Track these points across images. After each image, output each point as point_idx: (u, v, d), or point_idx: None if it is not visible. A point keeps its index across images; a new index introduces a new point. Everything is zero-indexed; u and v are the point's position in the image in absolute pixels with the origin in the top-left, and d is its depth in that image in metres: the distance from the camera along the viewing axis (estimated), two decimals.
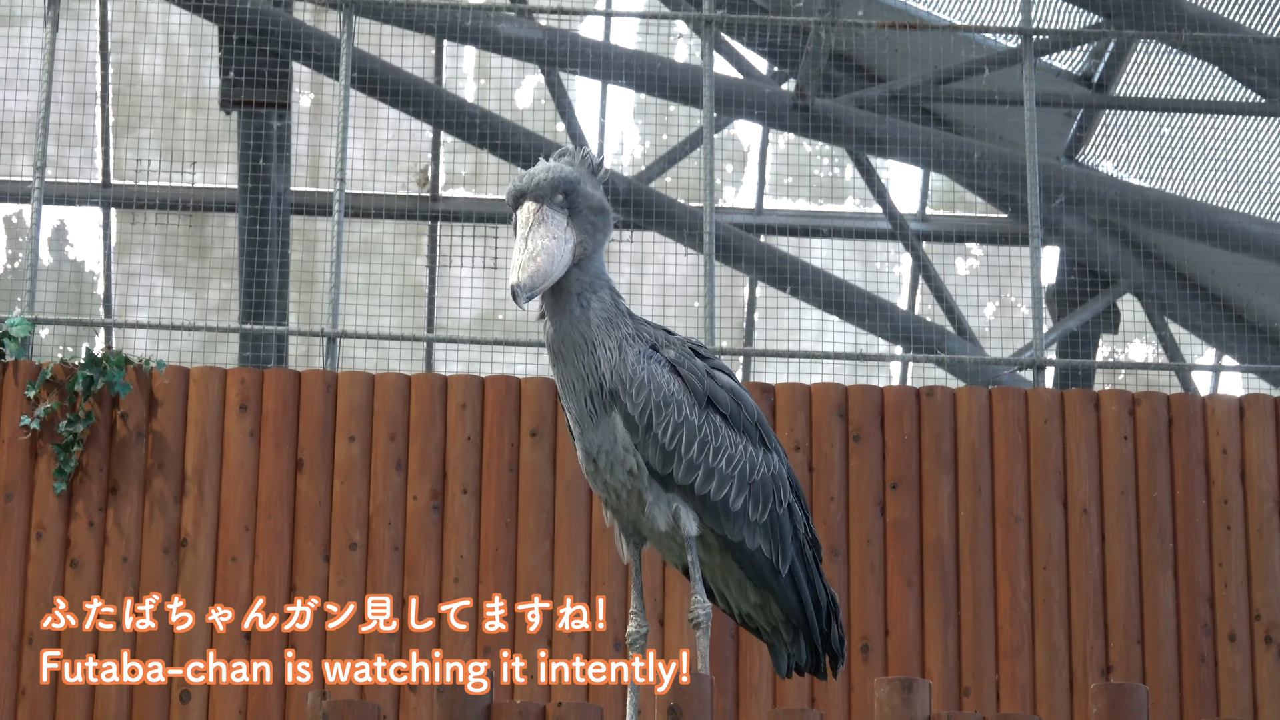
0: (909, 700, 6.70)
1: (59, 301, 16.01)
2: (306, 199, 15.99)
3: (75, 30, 15.61)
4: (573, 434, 7.14)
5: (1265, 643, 10.46)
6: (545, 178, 6.99)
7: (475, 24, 14.64)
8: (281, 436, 10.45)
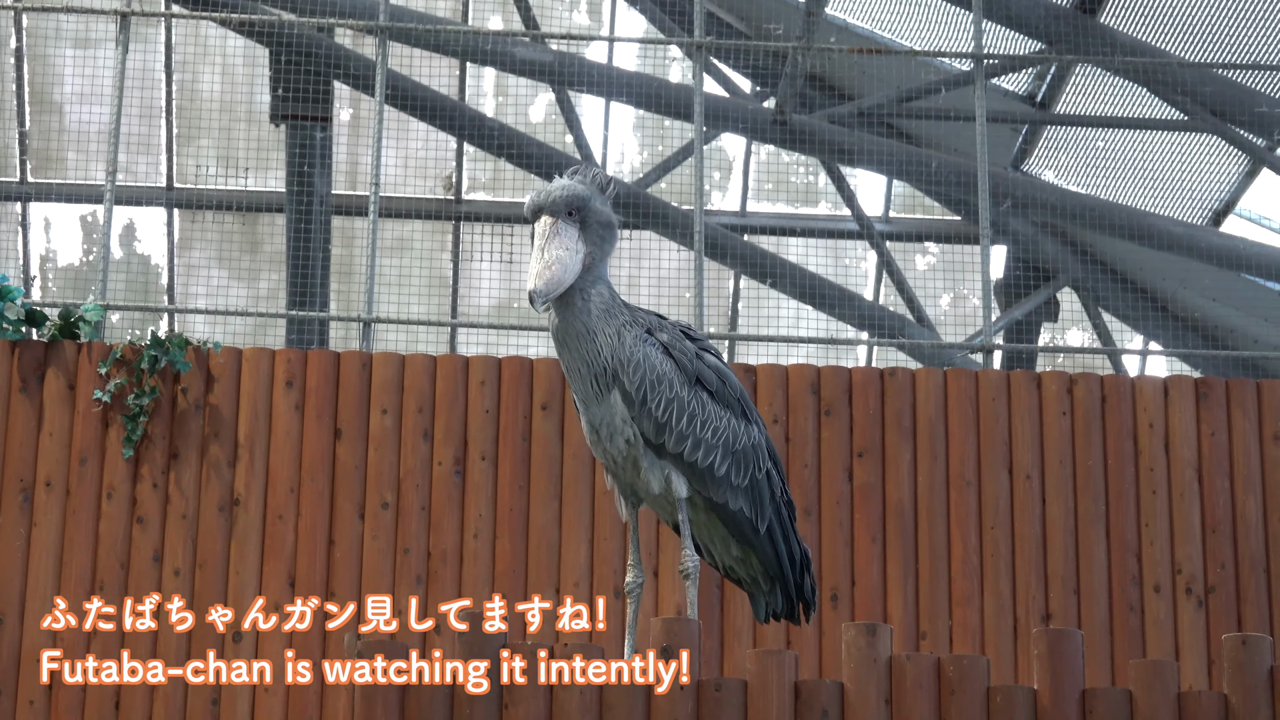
0: (873, 643, 6.68)
1: (128, 290, 15.99)
2: (345, 201, 15.97)
3: (143, 52, 15.58)
4: (578, 409, 7.16)
5: (1186, 594, 10.44)
6: (560, 195, 7.00)
7: (494, 48, 14.62)
8: (323, 409, 10.42)
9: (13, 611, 10.03)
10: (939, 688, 6.68)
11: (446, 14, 16.08)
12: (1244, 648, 6.77)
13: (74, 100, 16.06)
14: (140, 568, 10.13)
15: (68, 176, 16.31)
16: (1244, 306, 15.38)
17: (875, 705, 6.64)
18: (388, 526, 10.27)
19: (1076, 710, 6.69)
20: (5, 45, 16.11)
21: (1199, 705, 6.73)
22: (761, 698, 6.63)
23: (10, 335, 10.51)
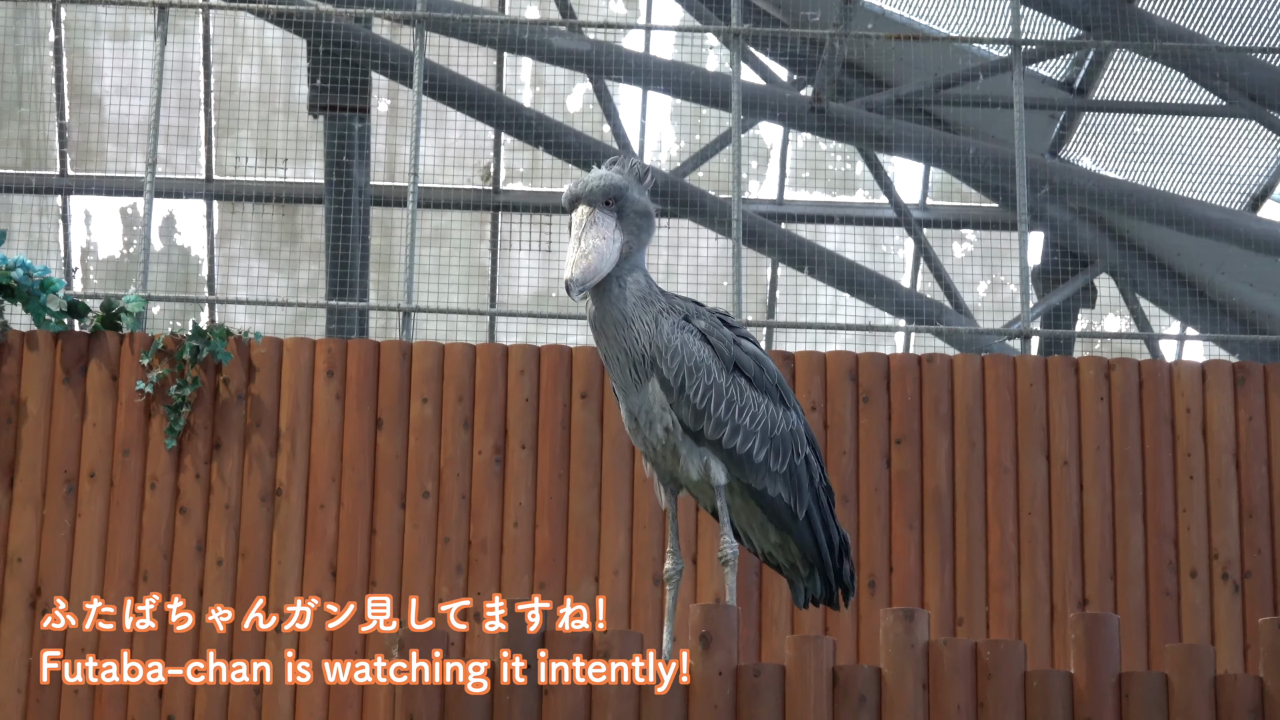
0: (910, 628, 6.72)
1: (168, 281, 16.06)
2: (384, 192, 16.02)
3: (181, 45, 15.65)
4: (617, 397, 7.19)
5: (1222, 579, 10.46)
6: (598, 185, 7.03)
7: (532, 37, 14.65)
8: (363, 399, 10.48)
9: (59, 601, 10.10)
10: (976, 673, 6.72)
11: (483, 3, 16.11)
12: None
13: (113, 93, 16.12)
14: (183, 558, 10.19)
15: (108, 169, 16.38)
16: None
17: (912, 690, 6.67)
18: (428, 515, 10.33)
19: (1113, 695, 6.72)
20: (44, 38, 16.17)
21: (1235, 689, 6.76)
22: (799, 683, 6.67)
23: (53, 327, 10.58)
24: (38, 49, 16.23)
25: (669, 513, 7.29)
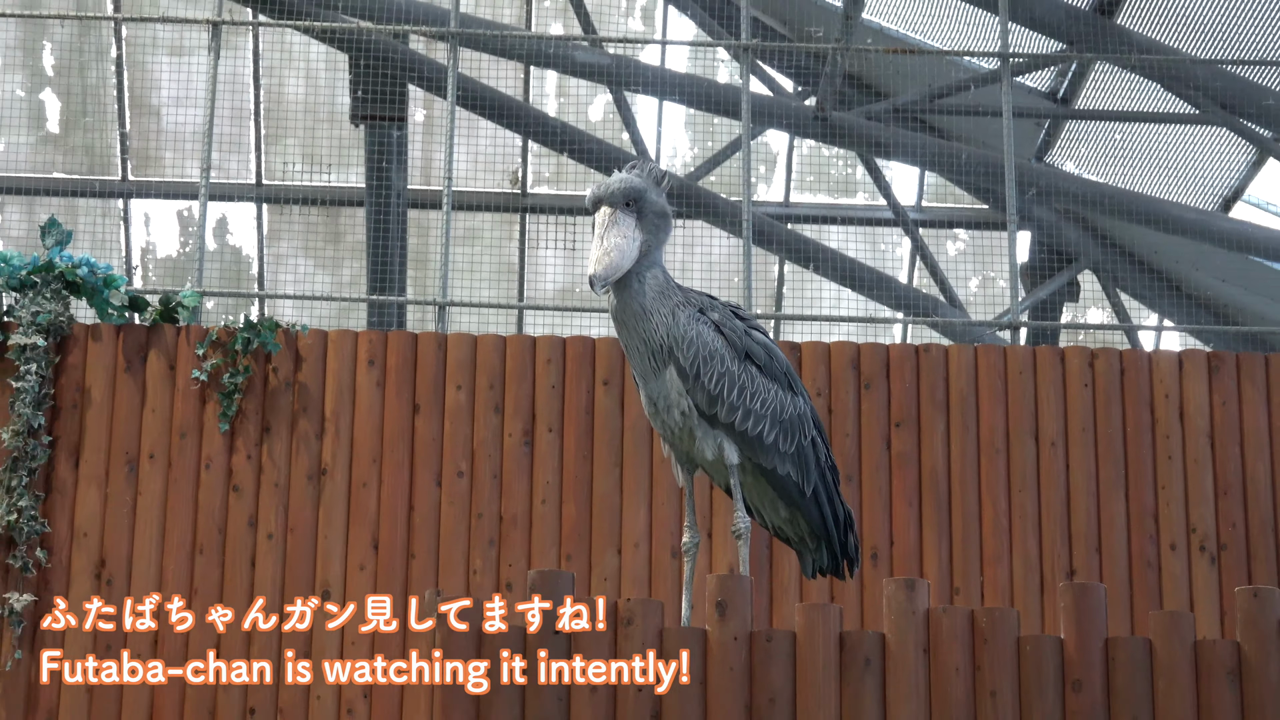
0: (912, 597, 6.69)
1: (221, 278, 16.06)
2: (420, 195, 16.01)
3: (233, 59, 15.64)
4: (637, 384, 7.18)
5: (1200, 551, 10.42)
6: (619, 187, 7.04)
7: (556, 52, 14.64)
8: (402, 386, 10.46)
9: (120, 574, 10.10)
10: (973, 638, 6.69)
11: (511, 20, 16.09)
12: (1255, 600, 6.77)
13: (170, 104, 16.13)
14: (236, 533, 10.18)
15: (165, 175, 16.38)
16: (1252, 286, 15.33)
17: (914, 654, 6.65)
18: (463, 493, 10.31)
19: (1100, 658, 6.69)
20: (106, 54, 16.17)
21: (1213, 653, 6.73)
22: (809, 647, 6.65)
23: (115, 320, 10.57)
24: (100, 64, 16.22)
25: (686, 490, 7.31)
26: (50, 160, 16.36)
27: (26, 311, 10.34)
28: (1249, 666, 6.72)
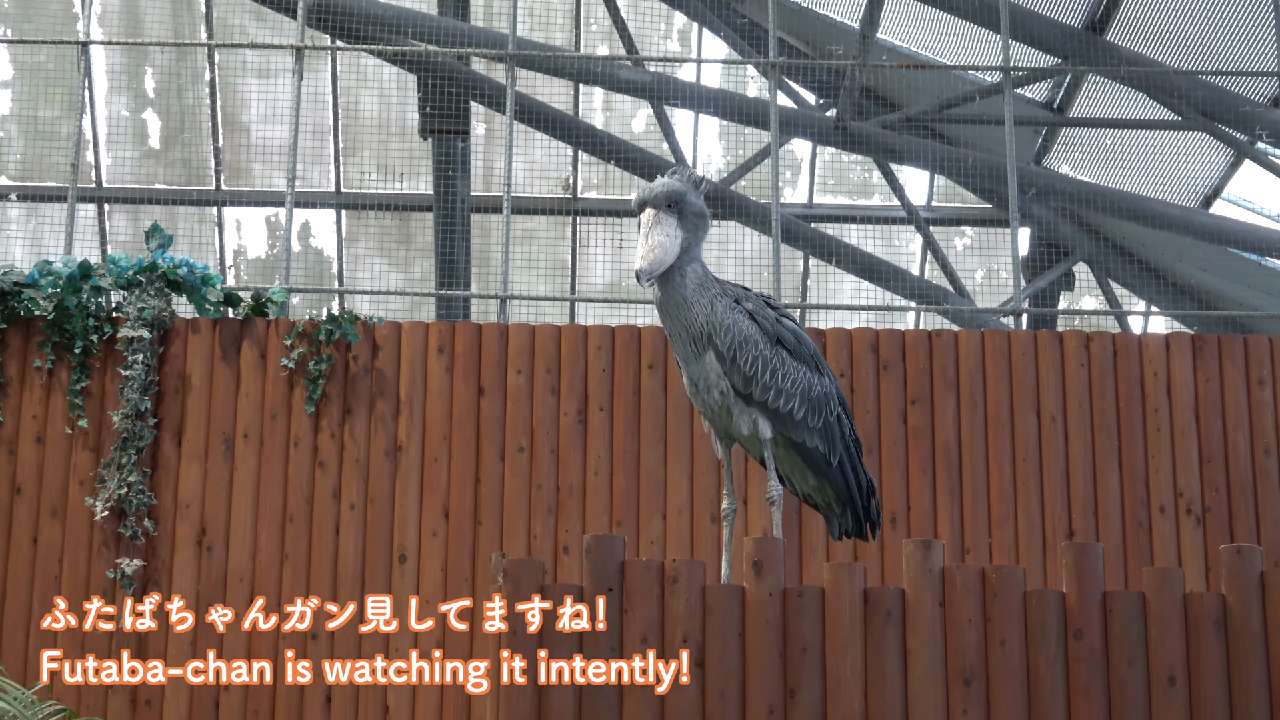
0: (928, 556, 6.68)
1: (305, 276, 16.10)
2: (482, 200, 16.01)
3: (313, 80, 15.66)
4: (680, 367, 7.19)
5: (1186, 514, 10.38)
6: (661, 191, 7.07)
7: (603, 71, 14.63)
8: (468, 371, 10.46)
9: (219, 542, 10.12)
10: (983, 592, 6.68)
11: (562, 43, 16.09)
12: (1239, 556, 6.75)
13: (258, 122, 16.17)
14: (322, 504, 10.20)
15: (254, 185, 16.41)
16: (1230, 275, 15.29)
17: (931, 607, 6.64)
18: (523, 466, 10.31)
19: (1099, 609, 6.67)
20: (200, 77, 16.20)
21: (1200, 604, 6.71)
22: (836, 602, 6.64)
23: (212, 314, 10.60)
24: (196, 87, 16.26)
25: (724, 462, 7.32)
26: (152, 173, 16.41)
27: (133, 307, 10.37)
28: (1233, 616, 6.71)
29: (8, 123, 16.21)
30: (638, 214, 7.14)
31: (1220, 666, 6.67)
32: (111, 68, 16.19)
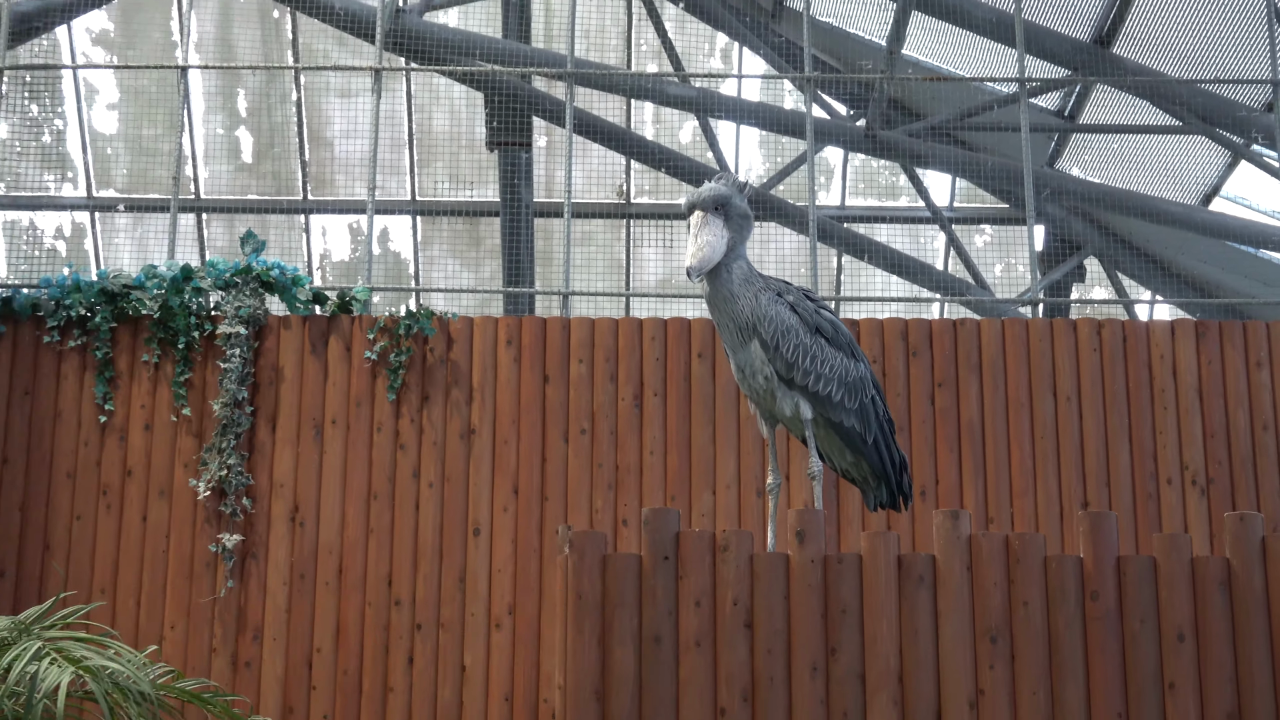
0: (956, 525, 6.66)
1: (385, 277, 16.13)
2: (544, 206, 16.03)
3: (390, 99, 15.69)
4: (727, 355, 7.20)
5: (1191, 485, 10.32)
6: (709, 195, 7.10)
7: (652, 87, 14.62)
8: (534, 360, 10.47)
9: (310, 518, 10.16)
10: (1007, 558, 6.66)
11: (615, 62, 16.08)
12: (1242, 523, 6.72)
13: (340, 137, 16.21)
14: (403, 482, 10.23)
15: (338, 194, 16.45)
16: (1228, 266, 15.20)
17: (959, 572, 6.62)
18: (585, 447, 10.31)
19: (1113, 573, 6.65)
20: (288, 98, 16.25)
21: (1207, 568, 6.68)
22: (872, 567, 6.63)
23: (302, 311, 10.63)
24: (284, 106, 16.31)
25: (768, 441, 7.32)
26: (246, 184, 16.46)
27: (231, 306, 10.42)
28: (1237, 578, 6.68)
29: (115, 141, 16.29)
30: (687, 216, 7.17)
31: (1225, 624, 6.64)
32: (208, 90, 16.25)
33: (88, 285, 10.49)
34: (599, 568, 6.68)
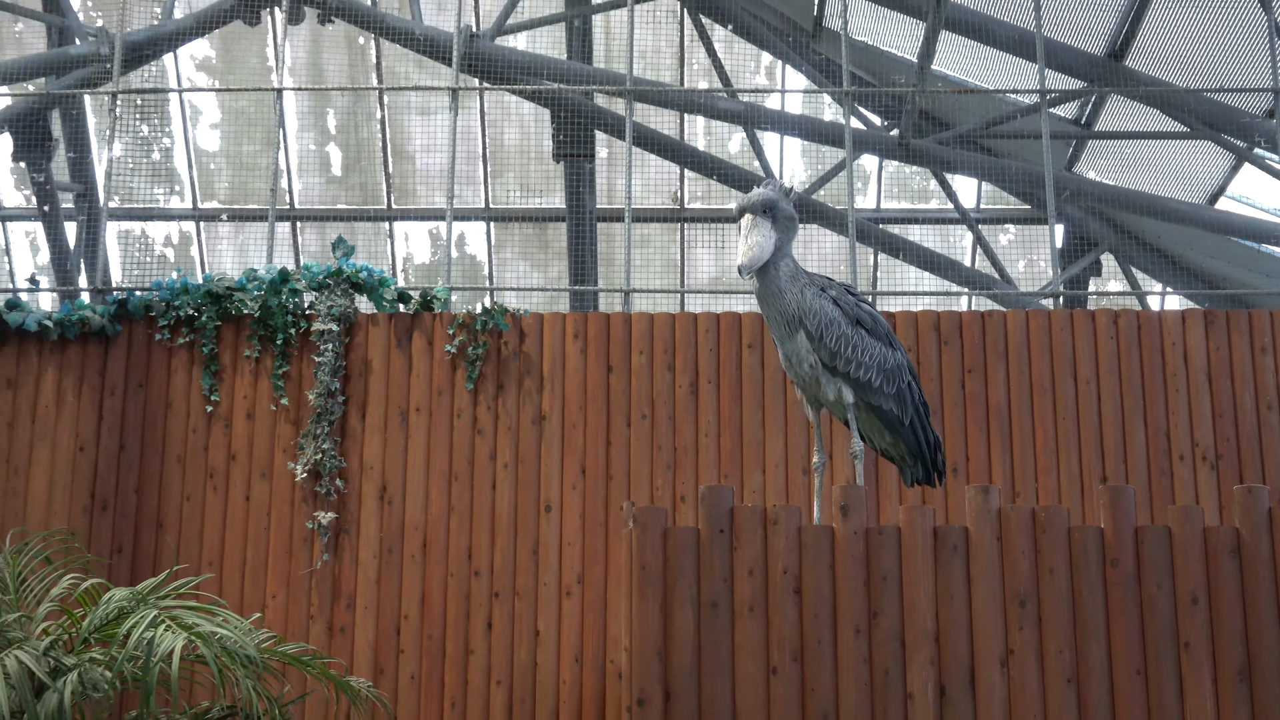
0: (987, 499, 6.65)
1: (462, 277, 16.16)
2: (606, 211, 16.02)
3: (465, 116, 15.73)
4: (776, 346, 7.20)
5: (1202, 460, 10.26)
6: (757, 199, 7.11)
7: (703, 102, 14.61)
8: (599, 352, 10.48)
9: (397, 497, 10.20)
10: (1034, 529, 6.63)
11: (669, 79, 16.07)
12: (1249, 495, 6.69)
13: (421, 151, 16.25)
14: (481, 464, 10.25)
15: (418, 203, 16.50)
16: (1233, 260, 15.09)
17: (989, 542, 6.61)
18: (646, 431, 10.32)
19: (1131, 541, 6.62)
20: (373, 116, 16.30)
21: (1218, 537, 6.64)
22: (910, 538, 6.61)
23: (388, 310, 10.67)
24: (369, 124, 16.37)
25: (813, 423, 7.33)
26: (335, 195, 16.53)
27: (323, 305, 10.46)
28: (1245, 545, 6.64)
29: (217, 157, 16.39)
30: (738, 219, 7.18)
31: (1235, 588, 6.61)
32: (300, 110, 16.33)
33: (195, 288, 10.56)
34: (660, 540, 6.69)
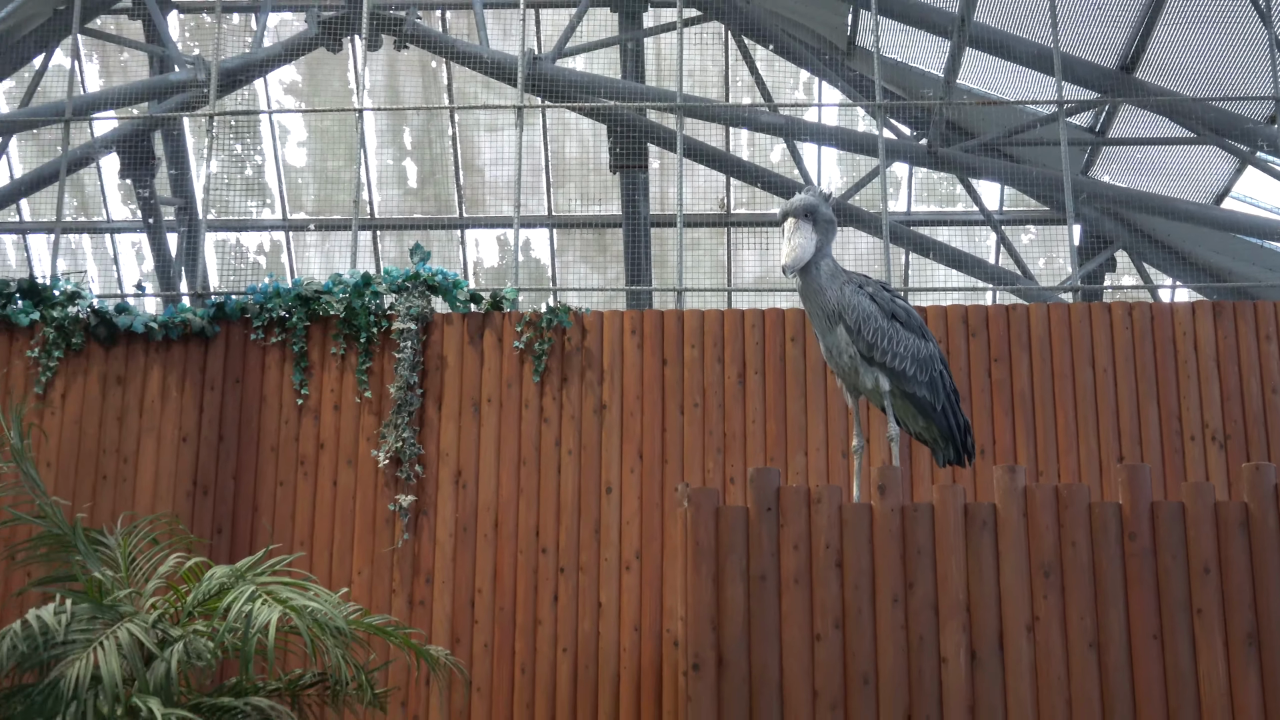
0: (1014, 478, 6.60)
1: (528, 279, 16.19)
2: (658, 218, 16.03)
3: (530, 131, 15.75)
4: (817, 338, 7.18)
5: (1212, 441, 10.15)
6: (799, 204, 7.11)
7: (747, 116, 14.57)
8: (654, 347, 10.46)
9: (471, 481, 10.20)
10: (1057, 505, 6.58)
11: (715, 95, 16.05)
12: (1257, 472, 6.62)
13: (489, 164, 16.28)
14: (547, 450, 10.24)
15: (488, 212, 16.54)
16: (1239, 256, 14.97)
17: (1016, 518, 6.56)
18: (698, 418, 10.29)
19: (1148, 516, 6.56)
20: (445, 133, 16.35)
21: (1228, 511, 6.58)
22: (942, 515, 6.57)
23: (462, 309, 10.68)
24: (442, 140, 16.42)
25: (853, 410, 7.31)
26: (413, 206, 16.60)
27: (403, 306, 10.49)
28: (1254, 520, 6.57)
29: (304, 172, 16.47)
30: (781, 223, 7.18)
31: (1244, 559, 6.54)
32: (379, 128, 16.39)
33: (285, 291, 10.60)
34: (712, 519, 6.67)
